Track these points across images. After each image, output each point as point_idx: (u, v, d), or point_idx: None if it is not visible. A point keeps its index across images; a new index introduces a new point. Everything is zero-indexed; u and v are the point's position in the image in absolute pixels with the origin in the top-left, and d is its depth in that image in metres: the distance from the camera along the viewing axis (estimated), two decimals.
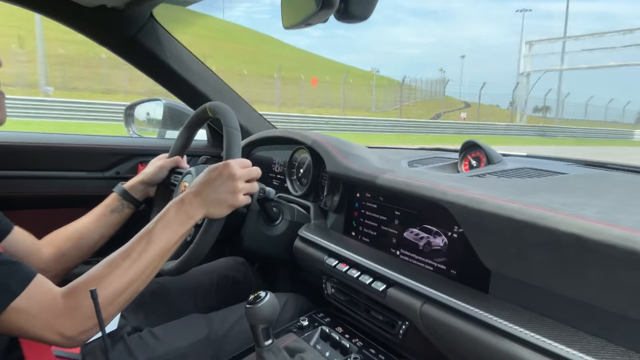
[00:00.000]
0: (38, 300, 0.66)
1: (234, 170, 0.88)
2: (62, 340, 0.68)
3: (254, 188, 0.93)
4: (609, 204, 0.73)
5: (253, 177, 0.92)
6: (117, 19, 1.26)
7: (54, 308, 0.68)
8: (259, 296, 0.75)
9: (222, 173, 0.88)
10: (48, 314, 0.67)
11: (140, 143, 1.66)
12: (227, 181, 0.87)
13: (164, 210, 0.84)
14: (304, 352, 0.92)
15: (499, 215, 0.69)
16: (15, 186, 1.40)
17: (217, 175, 0.87)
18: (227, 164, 0.89)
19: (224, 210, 0.88)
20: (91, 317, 0.67)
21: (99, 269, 0.74)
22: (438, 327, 0.75)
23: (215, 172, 0.88)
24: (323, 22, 0.66)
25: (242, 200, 0.89)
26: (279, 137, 1.43)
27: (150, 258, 0.77)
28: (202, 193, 0.86)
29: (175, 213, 0.83)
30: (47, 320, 0.67)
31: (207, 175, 0.88)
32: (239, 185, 0.88)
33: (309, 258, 1.09)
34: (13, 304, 0.63)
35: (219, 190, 0.86)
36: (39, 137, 1.48)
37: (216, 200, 0.86)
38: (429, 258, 0.87)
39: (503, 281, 0.72)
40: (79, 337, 0.70)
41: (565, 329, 0.61)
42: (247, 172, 0.91)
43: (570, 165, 1.12)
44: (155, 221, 0.82)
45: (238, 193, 0.88)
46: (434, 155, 1.32)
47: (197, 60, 1.51)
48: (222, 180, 0.87)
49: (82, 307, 0.69)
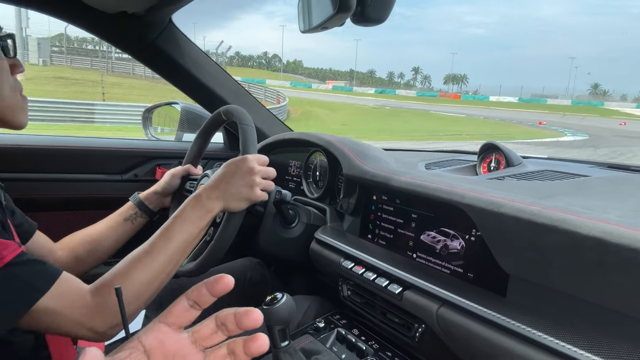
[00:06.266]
0: (67, 298, 0.68)
1: (251, 164, 0.88)
2: (93, 336, 0.70)
3: (270, 185, 0.93)
4: (632, 207, 0.71)
5: (270, 176, 0.93)
6: (137, 24, 1.29)
7: (83, 305, 0.69)
8: (275, 297, 0.76)
9: (239, 166, 0.88)
10: (78, 312, 0.68)
11: (158, 146, 1.68)
12: (245, 175, 0.87)
13: (181, 206, 0.84)
14: (320, 353, 0.92)
15: (518, 219, 0.68)
16: (36, 188, 1.43)
17: (235, 168, 0.88)
18: (244, 158, 0.89)
19: (242, 204, 0.88)
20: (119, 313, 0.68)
21: (123, 265, 0.75)
22: (455, 330, 0.75)
23: (233, 165, 0.88)
24: (340, 26, 0.66)
25: (259, 195, 0.89)
26: (295, 139, 1.44)
27: (170, 253, 0.78)
28: (219, 187, 0.86)
29: (192, 208, 0.83)
30: (77, 318, 0.68)
31: (224, 169, 0.88)
32: (257, 179, 0.88)
33: (325, 260, 1.09)
34: (40, 303, 0.64)
35: (236, 184, 0.86)
36: (59, 140, 1.52)
37: (234, 194, 0.86)
38: (446, 261, 0.87)
39: (521, 285, 0.71)
40: (109, 331, 0.71)
41: (585, 334, 0.60)
42: (264, 169, 0.91)
43: (592, 168, 1.10)
44: (173, 217, 0.82)
45: (255, 187, 0.88)
46: (452, 157, 1.31)
47: (214, 64, 1.53)
48: (240, 174, 0.87)
49: (111, 303, 0.70)
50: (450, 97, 74.01)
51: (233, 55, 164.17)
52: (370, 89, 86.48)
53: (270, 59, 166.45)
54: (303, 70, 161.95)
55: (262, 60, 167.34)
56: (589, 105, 64.63)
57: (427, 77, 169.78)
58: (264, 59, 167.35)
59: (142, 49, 1.40)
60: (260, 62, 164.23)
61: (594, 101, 76.10)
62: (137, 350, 0.41)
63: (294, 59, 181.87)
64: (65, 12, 1.25)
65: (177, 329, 0.43)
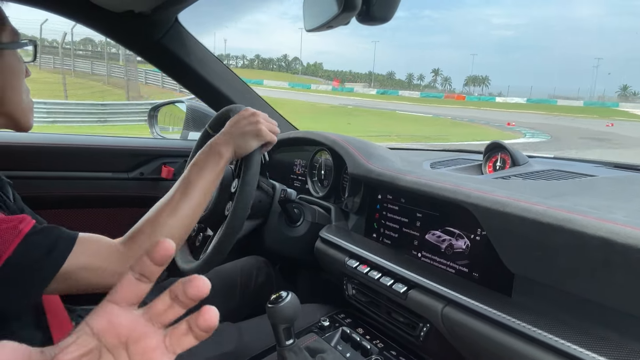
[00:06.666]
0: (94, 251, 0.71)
1: (253, 111, 0.94)
2: None
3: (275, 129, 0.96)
4: (639, 207, 0.71)
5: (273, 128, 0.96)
6: (144, 23, 1.30)
7: (115, 255, 0.72)
8: (280, 296, 0.76)
9: (243, 114, 0.93)
10: (111, 262, 0.71)
11: (164, 144, 1.69)
12: (249, 117, 0.92)
13: (195, 156, 0.89)
14: (325, 352, 0.92)
15: (524, 218, 0.68)
16: (43, 186, 1.45)
17: (240, 117, 0.93)
18: (246, 109, 0.95)
19: (251, 143, 0.91)
20: None
21: (151, 214, 0.79)
22: (460, 330, 0.75)
23: (238, 115, 0.94)
24: (345, 25, 0.66)
25: (266, 133, 0.92)
26: (300, 138, 1.44)
27: (192, 197, 0.82)
28: (227, 133, 0.91)
29: (206, 156, 0.87)
30: (113, 268, 0.71)
31: (231, 120, 0.94)
32: (261, 120, 0.93)
33: (330, 259, 1.09)
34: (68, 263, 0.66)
35: (242, 125, 0.91)
36: (66, 139, 1.53)
37: (242, 134, 0.91)
38: (451, 260, 0.87)
39: (527, 285, 0.71)
40: None
41: (590, 334, 0.60)
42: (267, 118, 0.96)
43: (598, 168, 1.10)
44: (190, 166, 0.87)
45: (261, 125, 0.92)
46: (457, 156, 1.30)
47: (220, 63, 1.53)
48: (245, 119, 0.92)
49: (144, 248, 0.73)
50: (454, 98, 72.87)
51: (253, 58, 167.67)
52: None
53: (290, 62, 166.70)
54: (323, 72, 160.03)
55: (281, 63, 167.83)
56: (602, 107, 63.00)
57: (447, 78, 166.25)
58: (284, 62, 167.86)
59: (148, 48, 1.40)
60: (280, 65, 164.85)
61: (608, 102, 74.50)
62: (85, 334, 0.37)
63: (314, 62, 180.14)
64: (72, 11, 1.26)
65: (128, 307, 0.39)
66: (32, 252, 0.64)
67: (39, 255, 0.64)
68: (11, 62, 0.75)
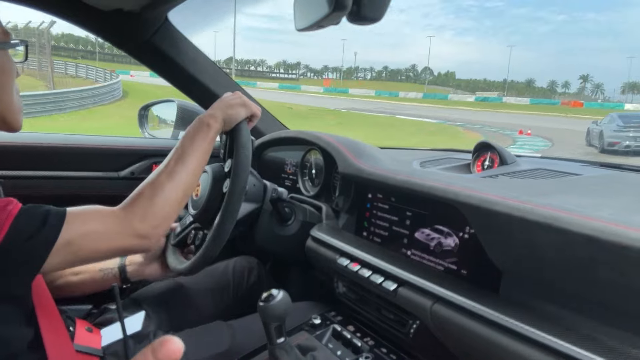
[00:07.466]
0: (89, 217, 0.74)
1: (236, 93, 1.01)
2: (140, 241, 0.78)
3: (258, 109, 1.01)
4: (624, 205, 0.72)
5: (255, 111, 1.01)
6: (133, 22, 1.29)
7: (113, 217, 0.76)
8: (271, 294, 0.76)
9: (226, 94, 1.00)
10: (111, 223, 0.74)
11: (154, 144, 1.68)
12: (234, 94, 1.00)
13: (187, 129, 0.93)
14: (316, 350, 0.93)
15: (511, 216, 0.69)
16: (33, 186, 1.43)
17: (225, 95, 1.00)
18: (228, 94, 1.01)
19: (239, 111, 0.96)
20: (157, 213, 0.79)
21: (149, 180, 0.83)
22: (448, 326, 0.75)
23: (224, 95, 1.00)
24: (335, 24, 0.67)
25: (251, 104, 0.99)
26: (291, 137, 1.44)
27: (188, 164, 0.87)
28: (214, 107, 0.96)
29: (195, 128, 0.92)
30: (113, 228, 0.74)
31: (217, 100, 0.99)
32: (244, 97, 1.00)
33: (321, 258, 1.09)
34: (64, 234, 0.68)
35: (230, 101, 0.97)
36: (56, 138, 1.51)
37: (229, 106, 0.96)
38: (440, 258, 0.88)
39: (514, 282, 0.72)
40: (154, 231, 0.79)
41: (577, 329, 0.61)
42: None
43: (584, 167, 1.12)
44: (182, 138, 0.91)
45: (246, 99, 0.99)
46: (446, 156, 1.31)
47: (211, 62, 1.53)
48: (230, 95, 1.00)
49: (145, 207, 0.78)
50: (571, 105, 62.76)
51: (381, 70, 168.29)
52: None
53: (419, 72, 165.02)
54: (454, 82, 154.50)
55: (409, 73, 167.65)
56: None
57: (599, 85, 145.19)
58: (412, 72, 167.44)
59: (137, 47, 1.39)
60: (407, 76, 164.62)
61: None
62: None
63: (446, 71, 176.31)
64: (60, 8, 1.24)
65: None
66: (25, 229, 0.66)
67: (33, 229, 0.66)
68: (2, 61, 0.75)
